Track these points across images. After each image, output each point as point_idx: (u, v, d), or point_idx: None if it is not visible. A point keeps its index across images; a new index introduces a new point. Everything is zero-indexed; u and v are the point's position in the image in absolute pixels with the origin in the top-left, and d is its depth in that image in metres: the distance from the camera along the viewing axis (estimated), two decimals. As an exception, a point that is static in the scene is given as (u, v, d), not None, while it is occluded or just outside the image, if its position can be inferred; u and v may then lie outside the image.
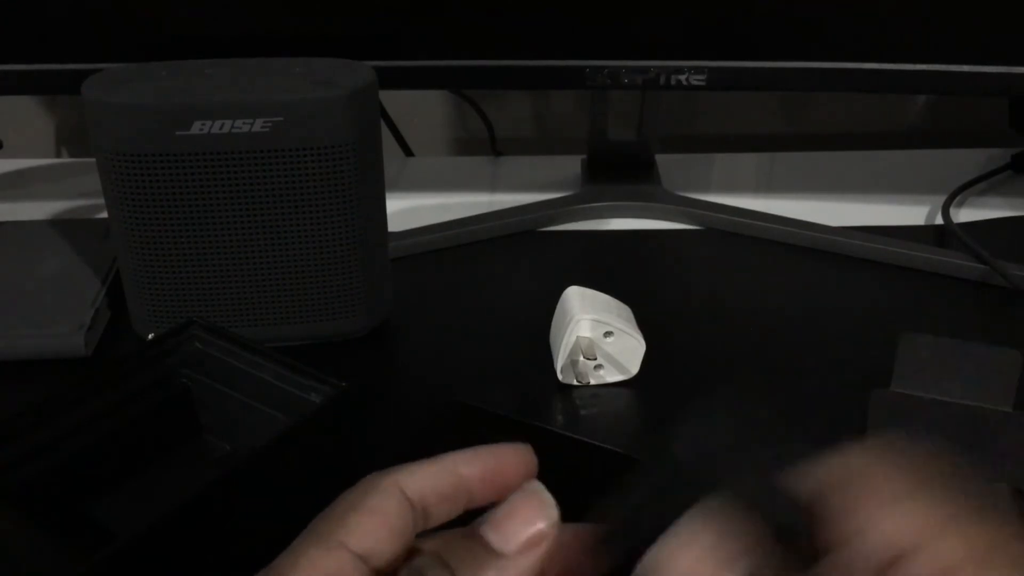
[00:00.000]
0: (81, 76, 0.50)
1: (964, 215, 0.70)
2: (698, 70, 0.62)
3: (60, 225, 0.65)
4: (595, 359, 0.51)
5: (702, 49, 0.62)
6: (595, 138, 0.73)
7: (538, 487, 0.28)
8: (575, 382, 0.52)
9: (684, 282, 0.63)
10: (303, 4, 0.60)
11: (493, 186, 0.77)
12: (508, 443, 0.30)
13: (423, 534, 0.29)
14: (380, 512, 0.27)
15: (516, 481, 0.29)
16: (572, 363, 0.51)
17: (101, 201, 0.52)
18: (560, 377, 0.52)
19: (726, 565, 0.24)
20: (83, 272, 0.59)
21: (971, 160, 0.78)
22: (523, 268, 0.65)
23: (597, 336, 0.50)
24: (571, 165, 0.76)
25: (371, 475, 0.28)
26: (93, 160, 0.51)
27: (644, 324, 0.52)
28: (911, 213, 0.71)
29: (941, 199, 0.70)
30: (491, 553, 0.27)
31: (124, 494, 0.43)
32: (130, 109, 0.48)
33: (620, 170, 0.73)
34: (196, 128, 0.48)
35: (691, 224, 0.69)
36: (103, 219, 0.66)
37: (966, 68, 0.60)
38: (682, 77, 0.62)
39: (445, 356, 0.55)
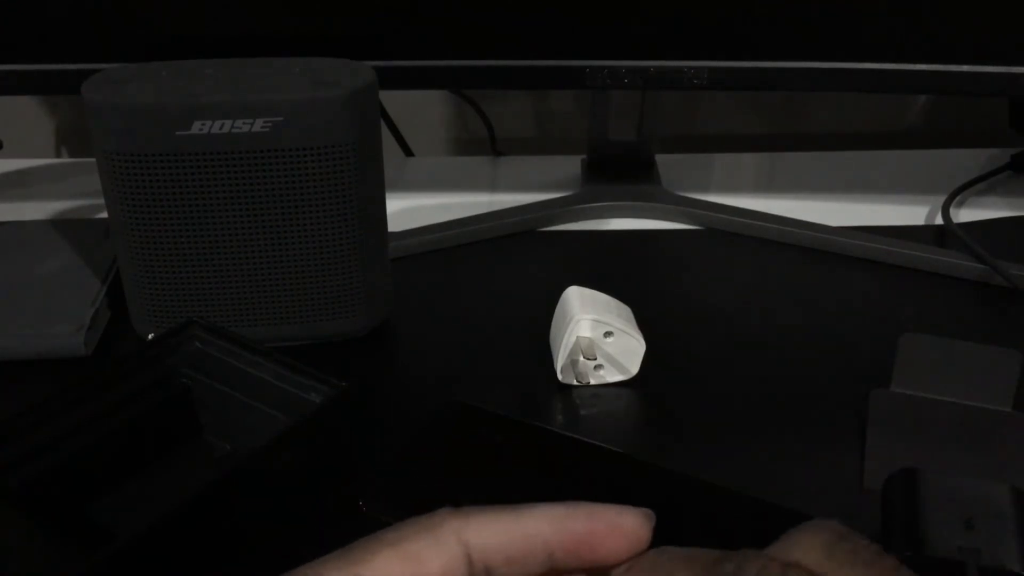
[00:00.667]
0: (81, 76, 0.50)
1: (964, 215, 0.70)
2: (698, 70, 0.62)
3: (60, 225, 0.65)
4: (595, 359, 0.51)
5: (702, 49, 0.62)
6: (595, 138, 0.73)
7: None
8: (575, 382, 0.52)
9: (684, 282, 0.63)
10: (303, 4, 0.60)
11: (493, 186, 0.77)
12: (615, 509, 0.26)
13: None
14: (418, 560, 0.25)
15: (610, 556, 0.25)
16: (572, 363, 0.51)
17: (101, 201, 0.52)
18: (560, 377, 0.52)
19: None
20: (83, 272, 0.59)
21: (971, 160, 0.78)
22: (523, 268, 0.65)
23: (597, 336, 0.50)
24: (571, 165, 0.76)
25: (441, 512, 0.26)
26: (93, 160, 0.51)
27: (644, 324, 0.52)
28: (911, 213, 0.71)
29: (941, 199, 0.70)
30: None
31: (124, 494, 0.43)
32: (130, 109, 0.48)
33: (620, 170, 0.73)
34: (196, 128, 0.48)
35: (691, 224, 0.69)
36: (103, 219, 0.66)
37: (966, 68, 0.60)
38: (682, 77, 0.62)
39: (445, 356, 0.56)
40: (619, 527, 0.26)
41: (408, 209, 0.71)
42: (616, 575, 0.25)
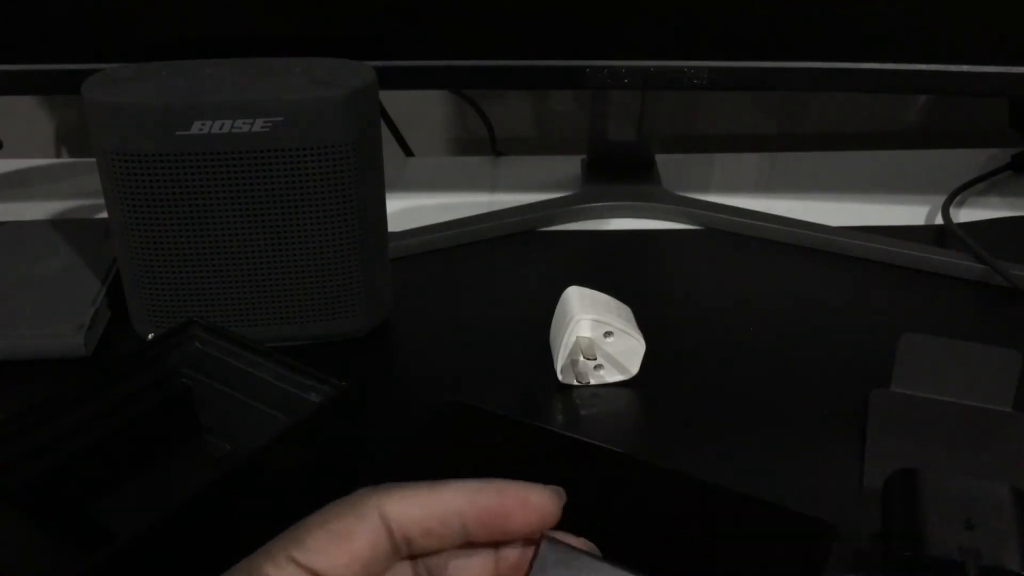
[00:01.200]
0: (81, 76, 0.50)
1: (964, 215, 0.70)
2: (698, 70, 0.62)
3: (60, 225, 0.65)
4: (595, 359, 0.51)
5: (702, 49, 0.62)
6: (595, 138, 0.73)
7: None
8: (575, 382, 0.52)
9: (684, 282, 0.63)
10: (303, 4, 0.60)
11: (493, 186, 0.77)
12: (524, 485, 0.28)
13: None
14: (346, 536, 0.26)
15: (520, 529, 0.27)
16: (572, 363, 0.51)
17: (101, 201, 0.52)
18: (560, 377, 0.52)
19: None
20: (83, 272, 0.59)
21: (971, 160, 0.78)
22: (523, 268, 0.65)
23: (597, 336, 0.50)
24: (571, 165, 0.76)
25: (362, 490, 0.27)
26: (93, 160, 0.51)
27: (644, 324, 0.52)
28: (911, 213, 0.71)
29: (941, 199, 0.70)
30: None
31: (124, 494, 0.43)
32: (130, 109, 0.48)
33: (620, 170, 0.73)
34: (196, 128, 0.48)
35: (691, 224, 0.69)
36: (103, 219, 0.66)
37: (966, 68, 0.60)
38: (682, 77, 0.62)
39: (445, 356, 0.56)
40: (527, 502, 0.27)
41: (408, 209, 0.71)
42: None
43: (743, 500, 0.42)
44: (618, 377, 0.52)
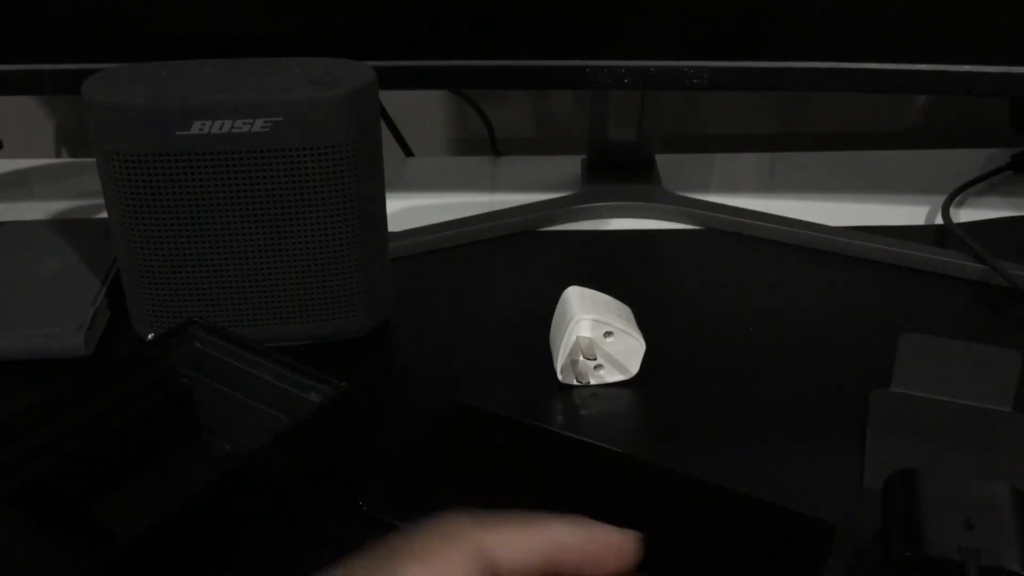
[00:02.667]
0: (81, 76, 0.50)
1: (964, 215, 0.70)
2: (698, 70, 0.62)
3: (60, 225, 0.65)
4: (595, 359, 0.51)
5: (702, 49, 0.62)
6: (595, 138, 0.73)
7: None
8: (575, 382, 0.52)
9: (684, 282, 0.63)
10: (303, 4, 0.60)
11: (493, 186, 0.77)
12: (612, 529, 0.28)
13: None
14: (447, 574, 0.25)
15: (604, 572, 0.27)
16: (572, 363, 0.51)
17: (101, 201, 0.52)
18: (560, 377, 0.52)
19: None
20: (83, 272, 0.59)
21: (971, 160, 0.78)
22: (523, 268, 0.65)
23: (597, 336, 0.50)
24: (571, 165, 0.76)
25: (455, 519, 0.27)
26: (93, 160, 0.51)
27: (644, 324, 0.52)
28: (911, 213, 0.71)
29: (941, 199, 0.70)
30: None
31: (124, 494, 0.43)
32: (130, 109, 0.48)
33: (620, 170, 0.73)
34: (196, 128, 0.48)
35: (691, 224, 0.69)
36: (103, 219, 0.66)
37: (966, 68, 0.60)
38: (682, 77, 0.62)
39: (445, 356, 0.56)
40: (618, 547, 0.27)
41: (408, 209, 0.71)
42: None
43: (743, 500, 0.42)
44: (618, 377, 0.52)
